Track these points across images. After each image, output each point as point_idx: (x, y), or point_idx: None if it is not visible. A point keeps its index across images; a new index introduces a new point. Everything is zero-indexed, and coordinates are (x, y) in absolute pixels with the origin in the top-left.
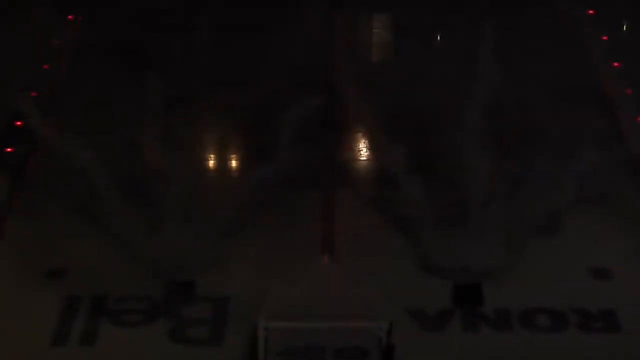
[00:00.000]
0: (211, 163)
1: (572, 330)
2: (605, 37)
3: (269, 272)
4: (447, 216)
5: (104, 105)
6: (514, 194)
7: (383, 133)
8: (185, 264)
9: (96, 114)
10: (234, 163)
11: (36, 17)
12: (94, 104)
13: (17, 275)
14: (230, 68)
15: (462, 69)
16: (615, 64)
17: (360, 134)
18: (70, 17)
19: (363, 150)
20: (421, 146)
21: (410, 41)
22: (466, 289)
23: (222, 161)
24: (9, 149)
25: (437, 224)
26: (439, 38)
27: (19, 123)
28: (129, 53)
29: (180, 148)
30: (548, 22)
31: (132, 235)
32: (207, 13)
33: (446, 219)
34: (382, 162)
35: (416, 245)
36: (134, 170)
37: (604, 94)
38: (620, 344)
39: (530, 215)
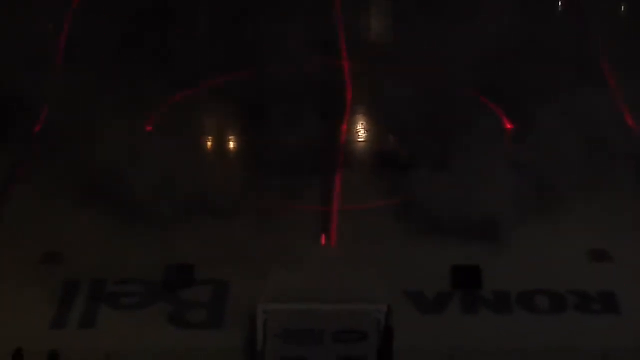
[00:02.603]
0: (211, 145)
1: (571, 312)
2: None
3: (268, 255)
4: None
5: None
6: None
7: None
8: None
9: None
10: (234, 145)
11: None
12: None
13: (17, 259)
14: (230, 50)
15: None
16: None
17: (360, 116)
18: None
19: (362, 133)
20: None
21: (409, 20)
22: (465, 271)
23: (223, 143)
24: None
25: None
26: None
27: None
28: (127, 38)
29: (180, 132)
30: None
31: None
32: None
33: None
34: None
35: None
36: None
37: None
38: (618, 325)
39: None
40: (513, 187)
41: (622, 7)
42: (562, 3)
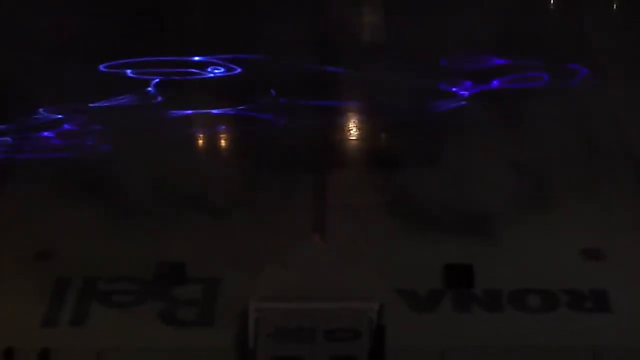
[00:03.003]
0: (202, 142)
1: (563, 310)
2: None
3: (261, 253)
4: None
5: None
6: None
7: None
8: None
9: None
10: (227, 143)
11: None
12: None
13: (8, 257)
14: (224, 46)
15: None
16: None
17: (352, 114)
18: None
19: (354, 131)
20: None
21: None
22: (457, 270)
23: (216, 141)
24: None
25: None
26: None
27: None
28: (122, 33)
29: (174, 128)
30: None
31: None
32: None
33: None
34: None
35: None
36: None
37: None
38: (610, 323)
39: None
40: (507, 185)
41: (622, 5)
42: None
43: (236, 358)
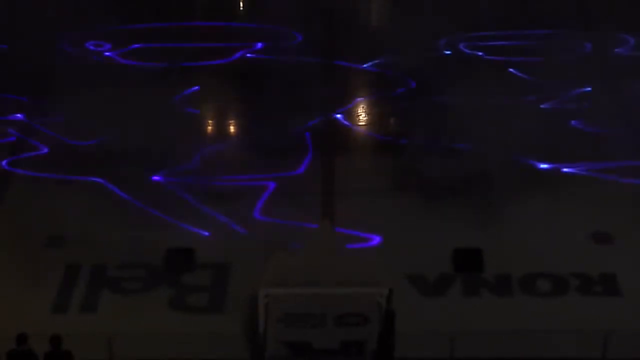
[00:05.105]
0: (212, 128)
1: (572, 294)
2: None
3: (270, 239)
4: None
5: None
6: None
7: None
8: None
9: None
10: (234, 128)
11: None
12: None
13: (18, 244)
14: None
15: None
16: None
17: (359, 100)
18: None
19: (362, 116)
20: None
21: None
22: (466, 254)
23: (224, 126)
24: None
25: None
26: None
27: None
28: (123, 20)
29: (181, 114)
30: None
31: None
32: None
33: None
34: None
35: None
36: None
37: None
38: (620, 307)
39: None
40: (515, 169)
41: None
42: None
43: (246, 344)
